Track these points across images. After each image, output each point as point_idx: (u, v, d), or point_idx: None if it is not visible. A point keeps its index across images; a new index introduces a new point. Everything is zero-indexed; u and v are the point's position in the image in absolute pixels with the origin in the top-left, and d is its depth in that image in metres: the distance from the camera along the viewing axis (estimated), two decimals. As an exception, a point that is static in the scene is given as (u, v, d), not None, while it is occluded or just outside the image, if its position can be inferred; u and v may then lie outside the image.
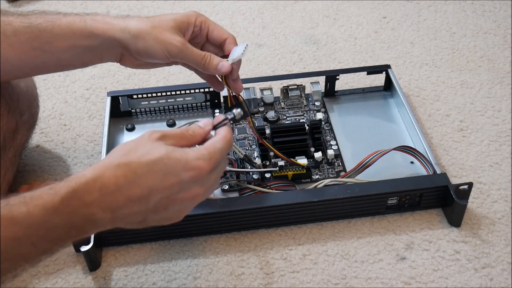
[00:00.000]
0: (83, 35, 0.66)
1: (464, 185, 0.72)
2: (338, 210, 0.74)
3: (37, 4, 1.19)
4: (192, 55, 0.66)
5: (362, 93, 0.93)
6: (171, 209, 0.55)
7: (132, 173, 0.52)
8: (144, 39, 0.65)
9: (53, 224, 0.50)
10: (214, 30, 0.69)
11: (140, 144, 0.54)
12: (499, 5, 1.14)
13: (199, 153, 0.55)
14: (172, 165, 0.53)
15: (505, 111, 0.90)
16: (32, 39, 0.65)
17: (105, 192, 0.51)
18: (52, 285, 0.69)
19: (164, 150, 0.54)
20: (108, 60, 0.70)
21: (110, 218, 0.52)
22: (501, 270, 0.69)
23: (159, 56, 0.66)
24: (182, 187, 0.54)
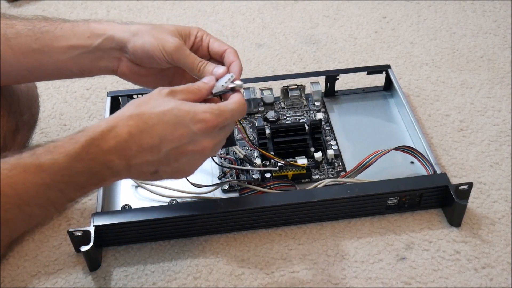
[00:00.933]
0: (84, 35, 0.66)
1: (464, 185, 0.72)
2: (338, 210, 0.74)
3: (37, 4, 1.19)
4: (188, 57, 0.66)
5: (362, 93, 0.93)
6: (182, 161, 0.58)
7: (144, 122, 0.56)
8: (143, 36, 0.66)
9: (76, 170, 0.55)
10: (215, 42, 0.69)
11: (152, 98, 0.58)
12: (499, 5, 1.14)
13: (209, 107, 0.58)
14: (181, 115, 0.57)
15: (505, 111, 0.90)
16: (33, 41, 0.65)
17: (119, 140, 0.55)
18: (52, 285, 0.69)
19: (174, 103, 0.57)
20: (105, 65, 0.68)
21: (125, 166, 0.56)
22: (501, 270, 0.69)
23: (156, 53, 0.65)
24: (191, 139, 0.57)
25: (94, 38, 0.66)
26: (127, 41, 0.66)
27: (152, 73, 0.69)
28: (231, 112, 0.60)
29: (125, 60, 0.68)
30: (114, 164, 0.56)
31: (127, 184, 0.79)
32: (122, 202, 0.77)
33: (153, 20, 1.14)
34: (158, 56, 0.65)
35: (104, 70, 0.69)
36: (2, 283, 0.69)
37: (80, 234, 0.68)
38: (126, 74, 0.69)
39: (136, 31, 0.66)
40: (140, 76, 0.69)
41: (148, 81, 0.70)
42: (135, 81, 0.71)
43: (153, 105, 0.57)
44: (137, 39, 0.66)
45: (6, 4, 1.20)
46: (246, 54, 1.04)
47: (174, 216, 0.70)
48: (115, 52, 0.67)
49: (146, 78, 0.70)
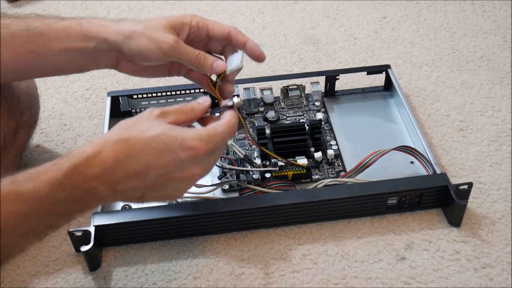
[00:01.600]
0: (78, 37, 0.66)
1: (464, 185, 0.72)
2: (338, 210, 0.74)
3: (37, 4, 1.19)
4: (186, 53, 0.65)
5: (362, 93, 0.93)
6: (169, 187, 0.57)
7: (130, 148, 0.54)
8: (137, 39, 0.64)
9: (58, 198, 0.52)
10: (214, 27, 0.68)
11: (140, 121, 0.56)
12: (499, 5, 1.14)
13: (197, 133, 0.56)
14: (169, 142, 0.55)
15: (505, 111, 0.90)
16: (28, 42, 0.65)
17: (104, 167, 0.53)
18: (52, 285, 0.69)
19: (162, 128, 0.55)
20: (105, 65, 0.69)
21: (110, 192, 0.54)
22: (501, 270, 0.69)
23: (153, 55, 0.65)
24: (179, 166, 0.56)
25: (88, 40, 0.66)
26: (121, 44, 0.65)
27: (151, 67, 0.70)
28: (221, 135, 0.58)
29: (123, 59, 0.68)
30: (98, 191, 0.54)
31: (127, 184, 0.79)
32: (122, 202, 0.77)
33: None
34: (155, 57, 0.65)
35: (103, 66, 0.70)
36: (2, 283, 0.69)
37: (80, 234, 0.68)
38: (127, 71, 0.70)
39: (129, 34, 0.65)
40: (141, 70, 0.70)
41: (148, 73, 0.71)
42: (137, 74, 0.71)
43: (141, 129, 0.55)
44: (131, 42, 0.65)
45: (6, 4, 1.20)
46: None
47: (174, 216, 0.70)
48: (112, 53, 0.67)
49: (146, 71, 0.70)
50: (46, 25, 0.66)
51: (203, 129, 0.58)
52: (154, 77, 0.72)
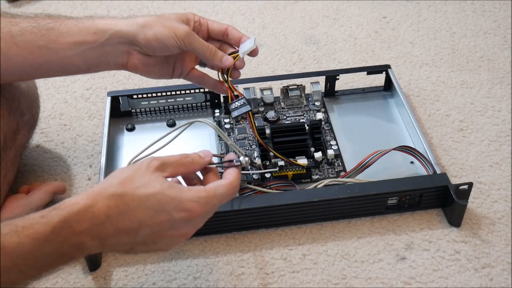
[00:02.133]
0: (89, 31, 0.66)
1: (464, 185, 0.72)
2: (338, 210, 0.74)
3: (37, 4, 1.19)
4: (199, 41, 0.67)
5: (362, 93, 0.93)
6: (159, 243, 0.55)
7: (125, 205, 0.52)
8: (152, 27, 0.66)
9: (42, 253, 0.50)
10: (214, 23, 0.71)
11: (137, 174, 0.54)
12: (499, 5, 1.14)
13: (196, 194, 0.55)
14: (165, 202, 0.53)
15: (505, 111, 0.90)
16: (38, 37, 0.65)
17: (95, 222, 0.51)
18: (52, 285, 0.69)
19: (160, 186, 0.53)
20: (114, 60, 0.69)
21: (98, 245, 0.52)
22: (501, 270, 0.69)
23: (169, 41, 0.66)
24: (172, 225, 0.54)
25: (100, 34, 0.66)
26: (136, 33, 0.66)
27: (159, 62, 0.70)
28: (221, 198, 0.57)
29: (135, 53, 0.68)
30: (86, 245, 0.52)
31: (127, 184, 0.79)
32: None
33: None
34: (172, 43, 0.66)
35: (112, 64, 0.69)
36: (2, 283, 0.69)
37: (80, 234, 0.68)
38: (137, 66, 0.70)
39: (144, 23, 0.66)
40: (150, 66, 0.70)
41: (156, 70, 0.71)
42: (145, 72, 0.71)
43: (138, 185, 0.53)
44: (147, 30, 0.66)
45: (6, 4, 1.20)
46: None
47: (174, 216, 0.70)
48: (123, 46, 0.67)
49: (154, 68, 0.70)
50: (56, 21, 0.66)
51: (201, 190, 0.55)
52: (159, 77, 0.73)
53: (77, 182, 0.82)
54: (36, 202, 0.74)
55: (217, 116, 0.89)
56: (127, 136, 0.87)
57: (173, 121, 0.88)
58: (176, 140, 0.81)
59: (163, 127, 0.88)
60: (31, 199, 0.74)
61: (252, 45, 0.69)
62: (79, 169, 0.84)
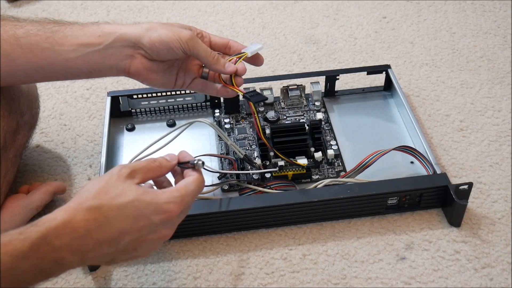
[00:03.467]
0: (94, 34, 0.66)
1: (464, 185, 0.72)
2: (338, 210, 0.74)
3: (37, 4, 1.19)
4: (202, 46, 0.68)
5: (362, 93, 0.93)
6: (140, 249, 0.56)
7: (103, 216, 0.52)
8: (157, 30, 0.66)
9: (21, 270, 0.49)
10: (216, 37, 0.72)
11: (110, 184, 0.55)
12: (499, 5, 1.14)
13: (170, 195, 0.56)
14: (142, 208, 0.54)
15: (505, 111, 0.90)
16: (43, 40, 0.65)
17: (75, 236, 0.51)
18: (52, 285, 0.69)
19: (135, 193, 0.54)
20: (116, 63, 0.68)
21: (79, 260, 0.52)
22: (501, 270, 0.69)
23: (174, 44, 0.66)
24: (152, 229, 0.55)
25: (105, 36, 0.66)
26: (141, 36, 0.66)
27: (162, 69, 0.70)
28: (192, 194, 0.59)
29: (139, 57, 0.68)
30: (66, 261, 0.51)
31: (127, 184, 0.79)
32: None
33: (153, 20, 1.14)
34: (176, 45, 0.66)
35: (115, 68, 0.69)
36: (2, 283, 0.69)
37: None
38: (140, 71, 0.69)
39: (149, 27, 0.67)
40: (152, 73, 0.69)
41: (158, 78, 0.70)
42: (147, 78, 0.70)
43: (113, 195, 0.54)
44: (152, 33, 0.66)
45: (6, 4, 1.20)
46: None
47: (174, 216, 0.70)
48: (127, 50, 0.67)
49: (157, 75, 0.70)
50: (62, 25, 0.67)
51: (174, 190, 0.57)
52: (161, 85, 0.72)
53: (77, 182, 0.82)
54: (36, 202, 0.74)
55: (217, 116, 0.89)
56: (127, 136, 0.87)
57: (173, 121, 0.88)
58: (176, 140, 0.81)
59: (163, 127, 0.88)
60: (31, 199, 0.74)
61: (260, 45, 0.71)
62: (79, 169, 0.84)
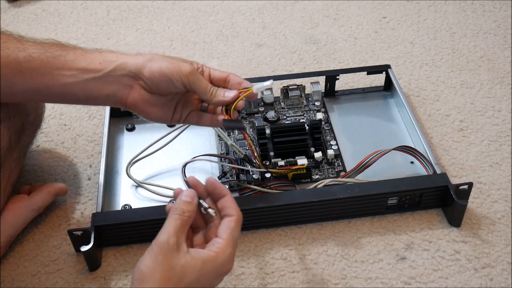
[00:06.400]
0: (95, 61, 0.66)
1: (464, 185, 0.72)
2: (338, 210, 0.74)
3: (37, 4, 1.19)
4: (202, 80, 0.67)
5: (362, 93, 0.93)
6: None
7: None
8: (158, 61, 0.66)
9: None
10: (215, 72, 0.70)
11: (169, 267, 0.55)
12: (499, 5, 1.14)
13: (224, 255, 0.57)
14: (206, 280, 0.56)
15: (505, 111, 0.90)
16: (44, 64, 0.65)
17: None
18: (52, 285, 0.69)
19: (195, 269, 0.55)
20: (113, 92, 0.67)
21: None
22: (501, 270, 0.69)
23: (173, 75, 0.65)
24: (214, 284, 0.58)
25: (105, 64, 0.66)
26: (142, 67, 0.66)
27: (160, 103, 0.69)
28: (238, 235, 0.59)
29: (138, 88, 0.67)
30: None
31: (127, 184, 0.79)
32: (122, 202, 0.77)
33: (153, 20, 1.14)
34: (176, 78, 0.65)
35: (112, 97, 0.68)
36: (2, 283, 0.69)
37: (80, 234, 0.68)
38: (137, 102, 0.68)
39: (151, 57, 0.66)
40: (150, 106, 0.68)
41: (155, 111, 0.69)
42: (144, 110, 0.69)
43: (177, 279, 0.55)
44: (152, 64, 0.66)
45: (6, 4, 1.20)
46: (246, 54, 1.04)
47: (174, 216, 0.70)
48: (127, 80, 0.67)
49: (154, 108, 0.69)
50: (64, 50, 0.66)
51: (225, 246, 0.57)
52: (157, 119, 0.71)
53: (77, 182, 0.82)
54: (38, 203, 0.74)
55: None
56: (127, 136, 0.87)
57: (173, 121, 0.88)
58: (176, 140, 0.81)
59: (163, 127, 0.88)
60: (33, 200, 0.74)
61: (269, 83, 0.69)
62: (79, 169, 0.84)
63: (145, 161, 0.81)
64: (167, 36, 1.10)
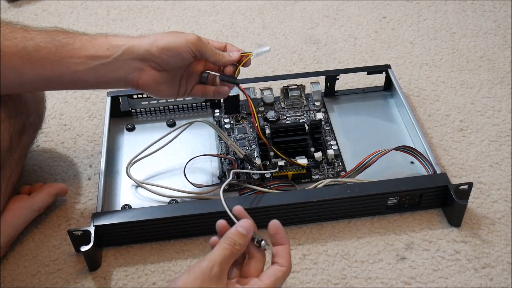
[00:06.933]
0: (103, 47, 0.66)
1: (464, 185, 0.72)
2: (338, 210, 0.74)
3: (37, 4, 1.19)
4: (208, 45, 0.70)
5: (362, 93, 0.93)
6: None
7: None
8: (164, 38, 0.68)
9: None
10: (214, 42, 0.73)
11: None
12: (499, 5, 1.14)
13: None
14: None
15: (505, 111, 0.90)
16: (53, 53, 0.65)
17: None
18: (52, 285, 0.69)
19: None
20: (124, 76, 0.68)
21: None
22: (501, 270, 0.69)
23: (182, 47, 0.67)
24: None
25: (113, 49, 0.66)
26: (149, 47, 0.67)
27: (168, 79, 0.70)
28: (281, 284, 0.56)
29: (148, 69, 0.68)
30: None
31: (127, 184, 0.79)
32: (122, 202, 0.77)
33: (153, 20, 1.14)
34: (185, 49, 0.67)
35: (123, 81, 0.69)
36: (2, 283, 0.69)
37: (80, 234, 0.68)
38: (149, 83, 0.69)
39: (155, 37, 0.68)
40: (160, 84, 0.70)
41: (165, 88, 0.71)
42: (155, 89, 0.71)
43: None
44: (159, 42, 0.67)
45: (6, 4, 1.20)
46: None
47: (174, 216, 0.70)
48: (136, 63, 0.67)
49: (164, 86, 0.71)
50: (71, 37, 0.66)
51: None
52: (166, 96, 0.73)
53: (77, 182, 0.82)
54: (38, 204, 0.74)
55: (217, 116, 0.89)
56: (127, 136, 0.87)
57: (173, 121, 0.88)
58: (176, 140, 0.81)
59: (163, 127, 0.88)
60: (33, 200, 0.74)
61: (267, 48, 0.74)
62: (79, 169, 0.84)
63: (145, 161, 0.81)
64: (167, 36, 1.10)
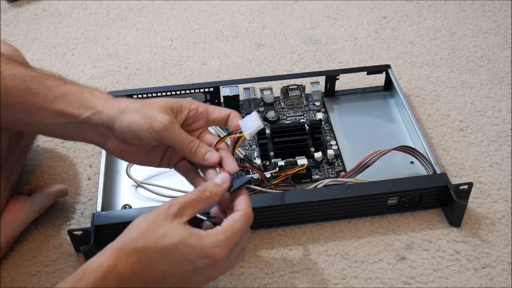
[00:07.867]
0: (74, 105, 0.62)
1: (464, 185, 0.72)
2: (338, 210, 0.74)
3: (37, 4, 1.19)
4: (178, 136, 0.61)
5: (362, 93, 0.93)
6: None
7: (147, 259, 0.54)
8: (130, 114, 0.61)
9: None
10: (215, 110, 0.65)
11: (156, 224, 0.55)
12: (499, 5, 1.14)
13: (216, 239, 0.55)
14: (186, 252, 0.54)
15: (505, 111, 0.90)
16: (22, 102, 0.61)
17: (122, 280, 0.53)
18: (52, 285, 0.69)
19: (180, 236, 0.54)
20: (91, 138, 0.64)
21: None
22: (501, 270, 0.69)
23: (143, 133, 0.60)
24: (197, 272, 0.55)
25: (82, 109, 0.62)
26: (114, 119, 0.61)
27: (142, 152, 0.64)
28: (240, 231, 0.57)
29: (113, 138, 0.63)
30: None
31: (127, 184, 0.79)
32: (122, 202, 0.77)
33: (153, 20, 1.14)
34: (146, 135, 0.60)
35: (90, 142, 0.65)
36: (2, 283, 0.69)
37: (80, 234, 0.68)
38: (114, 151, 0.65)
39: (124, 108, 0.61)
40: (129, 154, 0.65)
41: (137, 159, 0.66)
42: (123, 158, 0.66)
43: (158, 236, 0.54)
44: (124, 117, 0.61)
45: (6, 4, 1.20)
46: (246, 54, 1.04)
47: (174, 216, 0.70)
48: (101, 129, 0.62)
49: (135, 156, 0.65)
50: (46, 88, 0.62)
51: (220, 232, 0.56)
52: (144, 164, 0.67)
53: (77, 182, 0.82)
54: (38, 204, 0.74)
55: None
56: (127, 136, 0.87)
57: (173, 121, 0.88)
58: (176, 140, 0.81)
59: (163, 127, 0.88)
60: (33, 201, 0.74)
61: (259, 123, 0.60)
62: (79, 169, 0.84)
63: (145, 161, 0.81)
64: (167, 36, 1.10)
